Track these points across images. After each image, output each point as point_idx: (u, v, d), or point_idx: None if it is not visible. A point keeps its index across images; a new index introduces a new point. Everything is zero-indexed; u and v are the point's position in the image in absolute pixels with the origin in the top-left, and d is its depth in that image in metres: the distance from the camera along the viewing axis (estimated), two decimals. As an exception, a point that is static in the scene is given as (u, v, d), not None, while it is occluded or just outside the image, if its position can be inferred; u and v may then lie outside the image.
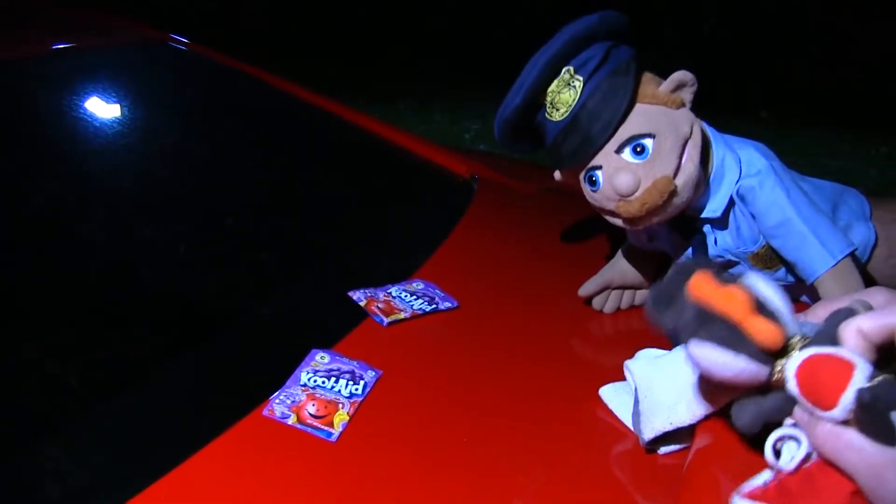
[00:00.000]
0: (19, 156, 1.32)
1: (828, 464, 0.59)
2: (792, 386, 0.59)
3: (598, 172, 1.05)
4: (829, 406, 0.56)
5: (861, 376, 0.55)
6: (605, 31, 1.06)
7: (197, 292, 1.16)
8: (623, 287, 1.21)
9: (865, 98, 6.36)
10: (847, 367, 0.56)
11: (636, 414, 0.90)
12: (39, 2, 2.14)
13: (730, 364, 0.62)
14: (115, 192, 1.33)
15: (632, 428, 0.91)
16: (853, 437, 0.55)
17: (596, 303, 1.21)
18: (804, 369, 0.59)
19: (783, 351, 0.62)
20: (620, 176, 1.01)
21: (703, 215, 1.08)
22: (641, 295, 1.23)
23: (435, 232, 1.39)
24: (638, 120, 1.03)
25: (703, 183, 1.06)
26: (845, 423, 0.56)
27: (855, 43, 7.33)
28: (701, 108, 1.07)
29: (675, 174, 1.02)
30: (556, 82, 1.06)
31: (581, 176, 1.08)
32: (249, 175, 1.55)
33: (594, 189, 1.06)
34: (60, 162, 1.36)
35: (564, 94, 1.04)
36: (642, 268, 1.20)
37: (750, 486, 0.66)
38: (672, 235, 1.13)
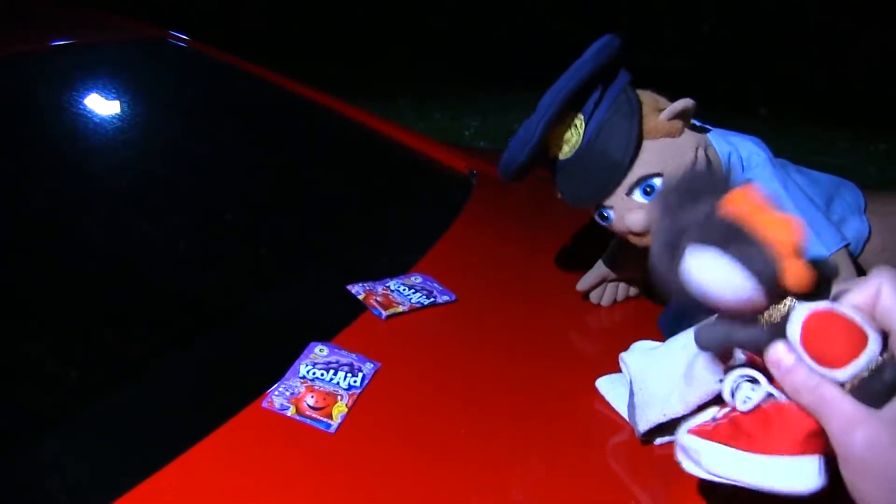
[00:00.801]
0: (18, 152, 1.32)
1: (785, 406, 0.60)
2: (795, 332, 0.59)
3: (610, 212, 1.05)
4: (833, 365, 0.57)
5: (875, 347, 0.56)
6: (598, 69, 1.04)
7: (198, 286, 1.17)
8: (619, 279, 1.22)
9: (864, 96, 6.37)
10: (861, 335, 0.57)
11: (631, 406, 0.91)
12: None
13: (743, 288, 0.60)
14: (114, 189, 1.34)
15: (627, 419, 0.92)
16: (835, 393, 0.57)
17: (593, 296, 1.22)
18: (814, 321, 0.59)
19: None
20: (633, 217, 1.02)
21: None
22: (637, 286, 1.23)
23: (433, 227, 1.40)
24: (646, 160, 1.02)
25: None
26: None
27: (854, 42, 7.34)
28: (700, 106, 1.08)
29: None
30: (559, 126, 1.06)
31: (594, 213, 1.09)
32: (249, 171, 1.55)
33: (606, 223, 1.07)
34: (60, 158, 1.36)
35: (567, 134, 1.05)
36: (637, 259, 1.21)
37: (696, 423, 0.67)
38: None
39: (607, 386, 0.98)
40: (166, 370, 0.97)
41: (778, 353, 0.60)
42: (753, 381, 0.64)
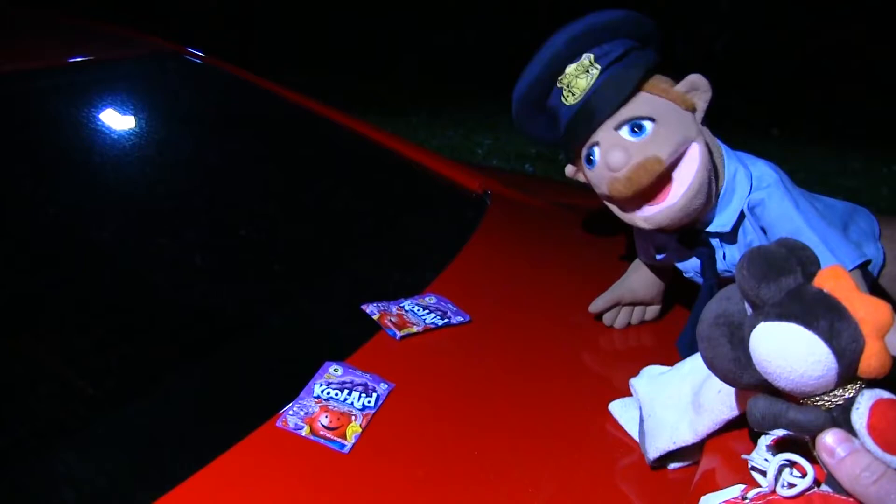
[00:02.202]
0: (37, 167, 1.33)
1: (832, 498, 0.60)
2: (861, 419, 0.59)
3: (596, 149, 1.05)
4: None
5: None
6: (630, 28, 1.07)
7: (213, 304, 1.17)
8: (633, 304, 1.21)
9: (876, 116, 6.34)
10: None
11: (642, 433, 0.91)
12: (55, 15, 2.16)
13: (819, 363, 0.60)
14: (131, 203, 1.34)
15: (639, 444, 0.92)
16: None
17: (606, 319, 1.22)
18: (882, 408, 0.59)
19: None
20: (613, 151, 1.01)
21: (712, 229, 1.07)
22: (651, 311, 1.23)
23: (448, 247, 1.40)
24: (642, 104, 1.03)
25: (713, 196, 1.05)
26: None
27: (866, 61, 7.33)
28: (712, 124, 1.08)
29: (673, 166, 1.01)
30: (574, 66, 1.06)
31: (582, 156, 1.08)
32: (264, 188, 1.56)
33: (591, 168, 1.07)
34: (78, 173, 1.38)
35: (581, 80, 1.05)
36: (652, 285, 1.21)
37: (723, 498, 0.67)
38: (680, 249, 1.13)
39: (620, 410, 0.98)
40: (181, 387, 0.98)
41: (836, 439, 0.60)
42: (792, 464, 0.64)
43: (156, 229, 1.30)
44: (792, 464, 0.64)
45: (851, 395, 0.60)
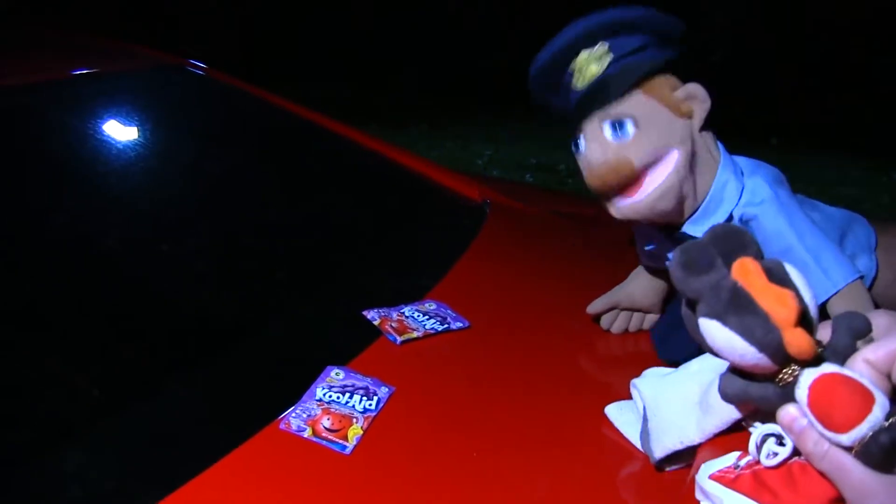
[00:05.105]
0: (41, 179, 1.35)
1: (810, 468, 0.62)
2: (802, 396, 0.61)
3: (582, 139, 1.09)
4: (838, 429, 0.58)
5: (879, 413, 0.57)
6: (652, 26, 1.09)
7: (219, 310, 1.19)
8: (631, 309, 1.23)
9: (877, 125, 6.34)
10: (867, 399, 0.58)
11: (644, 433, 0.91)
12: (59, 29, 2.18)
13: (746, 354, 0.63)
14: (135, 214, 1.36)
15: (637, 445, 0.93)
16: (848, 459, 0.58)
17: (604, 322, 1.23)
18: (820, 385, 0.60)
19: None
20: (591, 146, 1.07)
21: (697, 234, 1.09)
22: (650, 319, 1.24)
23: (447, 254, 1.41)
24: (633, 105, 1.06)
25: (689, 201, 1.08)
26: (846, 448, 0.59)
27: (867, 71, 7.34)
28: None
29: (646, 169, 1.05)
30: (588, 53, 1.08)
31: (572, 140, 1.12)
32: (267, 197, 1.57)
33: (577, 153, 1.11)
34: (81, 185, 1.39)
35: (593, 67, 1.07)
36: (651, 292, 1.22)
37: (718, 466, 0.68)
38: (666, 244, 1.15)
39: (616, 412, 0.99)
40: (185, 390, 0.99)
41: (790, 415, 0.62)
42: (778, 436, 0.66)
43: (163, 238, 1.31)
44: (774, 435, 0.66)
45: (796, 374, 0.63)
